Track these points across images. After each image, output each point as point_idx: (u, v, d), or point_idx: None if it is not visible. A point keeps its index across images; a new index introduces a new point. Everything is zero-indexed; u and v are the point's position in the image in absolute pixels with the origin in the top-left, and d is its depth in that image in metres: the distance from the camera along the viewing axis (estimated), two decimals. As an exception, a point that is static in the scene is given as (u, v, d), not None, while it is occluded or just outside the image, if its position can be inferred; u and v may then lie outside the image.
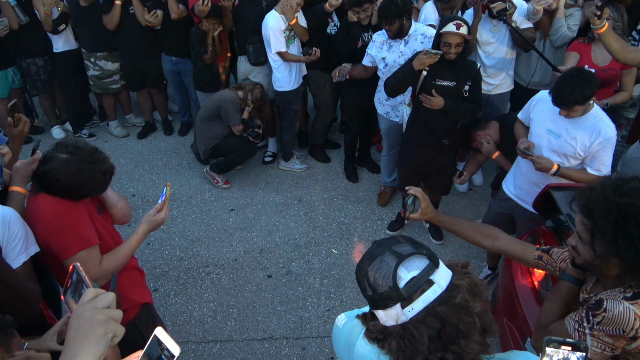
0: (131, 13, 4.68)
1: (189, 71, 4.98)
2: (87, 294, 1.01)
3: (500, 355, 1.22)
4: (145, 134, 5.49)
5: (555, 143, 2.78)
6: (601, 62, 3.67)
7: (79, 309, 0.97)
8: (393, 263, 1.11)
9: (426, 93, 3.29)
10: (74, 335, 0.94)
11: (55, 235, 1.92)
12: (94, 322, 0.94)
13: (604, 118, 2.67)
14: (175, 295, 3.61)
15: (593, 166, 2.74)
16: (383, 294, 1.10)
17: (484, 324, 1.11)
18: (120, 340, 0.98)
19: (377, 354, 1.18)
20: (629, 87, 3.74)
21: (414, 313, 1.08)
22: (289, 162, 4.91)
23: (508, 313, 2.68)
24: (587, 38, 3.74)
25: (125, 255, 2.10)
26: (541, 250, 1.83)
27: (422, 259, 1.12)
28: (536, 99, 2.93)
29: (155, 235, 4.08)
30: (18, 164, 2.04)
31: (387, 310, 1.11)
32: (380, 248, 1.16)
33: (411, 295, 1.08)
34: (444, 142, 3.53)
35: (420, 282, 1.08)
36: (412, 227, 4.25)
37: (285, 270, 3.80)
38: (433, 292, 1.08)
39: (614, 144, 2.68)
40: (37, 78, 4.99)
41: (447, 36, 3.10)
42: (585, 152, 2.71)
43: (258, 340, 3.27)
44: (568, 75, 2.57)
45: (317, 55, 4.17)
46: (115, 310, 0.99)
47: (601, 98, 3.72)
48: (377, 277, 1.12)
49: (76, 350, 0.92)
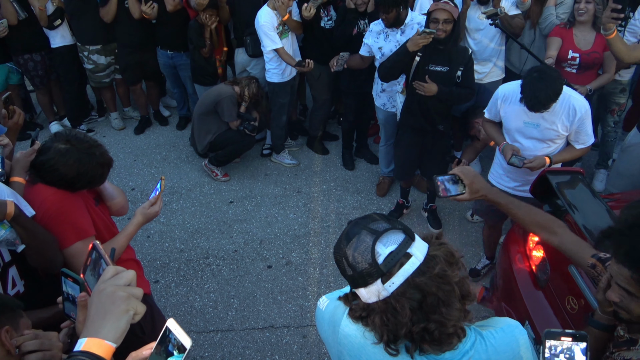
0: (127, 6, 4.68)
1: (185, 65, 4.97)
2: (108, 271, 1.01)
3: (481, 322, 1.25)
4: (142, 128, 5.49)
5: (535, 132, 2.80)
6: (584, 45, 3.69)
7: (100, 285, 0.98)
8: (370, 240, 1.12)
9: (419, 79, 3.31)
10: (95, 312, 0.95)
11: (52, 225, 1.92)
12: (115, 299, 0.95)
13: (572, 94, 2.70)
14: (176, 286, 3.63)
15: (579, 140, 2.80)
16: (363, 271, 1.11)
17: (463, 291, 1.13)
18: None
19: (362, 331, 1.20)
20: (611, 69, 3.75)
21: (394, 287, 1.09)
22: (279, 155, 4.92)
23: (506, 297, 2.71)
24: (568, 23, 3.75)
25: (120, 246, 2.12)
26: (597, 258, 1.56)
27: (397, 233, 1.13)
28: (501, 97, 2.86)
29: (155, 228, 4.10)
30: (18, 155, 2.06)
31: (368, 287, 1.12)
32: (356, 227, 1.17)
33: (390, 270, 1.09)
34: (439, 128, 3.54)
35: (398, 255, 1.10)
36: (410, 217, 4.27)
37: (285, 260, 3.82)
38: (411, 265, 1.09)
39: (590, 113, 2.73)
40: (35, 74, 4.99)
41: (435, 12, 3.14)
42: (567, 130, 2.75)
43: (259, 330, 3.30)
44: (533, 80, 2.54)
45: (310, 67, 4.12)
46: (136, 288, 0.99)
47: (585, 82, 3.74)
48: (355, 256, 1.13)
49: (98, 326, 0.93)
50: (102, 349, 0.92)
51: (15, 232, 1.73)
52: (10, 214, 1.69)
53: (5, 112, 2.25)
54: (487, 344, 1.17)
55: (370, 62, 3.95)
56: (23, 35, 4.72)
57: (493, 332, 1.19)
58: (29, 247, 1.80)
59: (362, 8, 4.04)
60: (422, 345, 1.12)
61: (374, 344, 1.16)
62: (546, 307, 2.40)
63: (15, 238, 1.73)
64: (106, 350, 0.92)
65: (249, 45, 4.52)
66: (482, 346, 1.16)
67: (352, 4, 4.03)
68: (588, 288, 2.15)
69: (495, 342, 1.17)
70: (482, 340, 1.17)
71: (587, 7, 3.60)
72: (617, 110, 4.22)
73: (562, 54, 3.73)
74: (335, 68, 4.06)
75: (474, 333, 1.18)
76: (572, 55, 3.71)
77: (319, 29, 4.35)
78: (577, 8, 3.66)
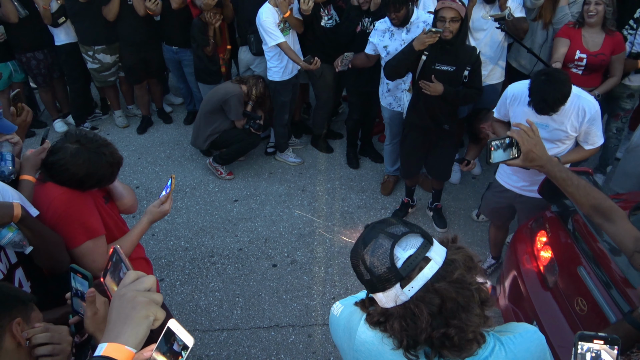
0: (130, 4, 4.66)
1: (188, 61, 4.98)
2: (129, 276, 1.01)
3: (500, 327, 1.24)
4: (144, 128, 5.49)
5: (544, 133, 2.77)
6: (592, 46, 3.64)
7: (121, 290, 0.98)
8: (388, 244, 1.10)
9: (426, 78, 3.29)
10: (116, 316, 0.95)
11: (62, 225, 1.93)
12: (136, 304, 0.95)
13: (582, 95, 2.68)
14: (181, 285, 3.62)
15: (588, 141, 2.78)
16: (381, 275, 1.10)
17: (482, 296, 1.12)
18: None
19: (380, 337, 1.18)
20: (618, 71, 3.71)
21: (414, 291, 1.08)
22: (283, 154, 4.92)
23: (513, 297, 2.70)
24: (577, 23, 3.70)
25: (130, 245, 2.13)
26: None
27: (416, 237, 1.12)
28: (510, 96, 2.85)
29: (159, 226, 4.10)
30: (28, 153, 2.06)
31: (387, 292, 1.11)
32: (373, 231, 1.16)
33: (409, 274, 1.08)
34: (444, 127, 3.53)
35: (417, 259, 1.08)
36: (415, 216, 4.26)
37: (290, 259, 3.82)
38: (431, 269, 1.08)
39: (600, 114, 2.71)
40: (38, 72, 4.98)
41: (442, 11, 3.11)
42: (576, 131, 2.73)
43: (264, 329, 3.30)
44: (540, 83, 2.54)
45: (317, 65, 4.11)
46: (157, 294, 0.99)
47: (591, 84, 3.70)
48: (373, 260, 1.11)
49: (119, 331, 0.93)
50: (122, 354, 0.92)
51: (22, 234, 1.73)
52: (18, 216, 1.69)
53: (14, 110, 2.24)
54: (506, 350, 1.16)
55: (376, 60, 3.94)
56: (25, 33, 4.71)
57: (512, 338, 1.18)
58: (36, 248, 1.80)
59: (365, 6, 4.03)
60: (441, 351, 1.11)
61: (393, 350, 1.15)
62: (554, 308, 2.39)
63: (22, 240, 1.73)
64: (126, 355, 0.92)
65: (253, 43, 4.52)
66: (501, 352, 1.15)
67: (355, 1, 4.01)
68: (598, 289, 2.14)
69: (514, 347, 1.16)
70: (501, 346, 1.16)
71: (597, 8, 3.55)
72: (622, 115, 4.16)
73: (569, 55, 3.70)
74: (340, 68, 4.06)
75: (493, 339, 1.17)
76: (579, 56, 3.67)
77: (319, 28, 4.34)
78: (586, 9, 3.60)
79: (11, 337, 1.23)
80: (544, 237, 2.65)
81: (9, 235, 1.69)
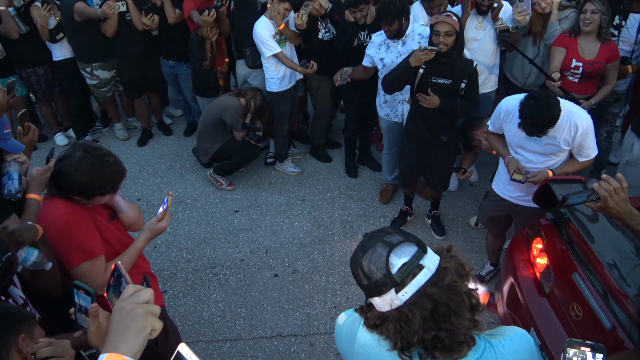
0: (128, 19, 4.73)
1: (185, 75, 5.05)
2: (128, 290, 1.07)
3: (490, 330, 1.32)
4: (145, 141, 5.54)
5: (537, 147, 2.85)
6: (588, 55, 3.70)
7: (120, 303, 1.04)
8: (385, 252, 1.20)
9: (423, 91, 3.35)
10: (115, 328, 1.01)
11: (60, 246, 1.98)
12: (134, 316, 1.01)
13: (574, 110, 2.71)
14: (184, 296, 3.67)
15: (582, 154, 2.83)
16: (378, 281, 1.19)
17: (473, 301, 1.21)
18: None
19: (377, 340, 1.28)
20: (612, 80, 3.78)
21: (407, 296, 1.17)
22: (282, 164, 4.98)
23: (511, 304, 2.75)
24: (573, 31, 3.75)
25: (129, 260, 2.17)
26: None
27: (411, 246, 1.21)
28: (504, 111, 2.89)
29: (161, 238, 4.14)
30: (34, 172, 2.10)
31: (383, 297, 1.20)
32: (371, 240, 1.26)
33: (404, 280, 1.17)
34: (442, 139, 3.59)
35: (411, 267, 1.17)
36: (414, 224, 4.31)
37: (291, 269, 3.87)
38: (424, 276, 1.17)
39: (593, 128, 2.75)
40: (38, 87, 5.05)
41: (437, 25, 3.18)
42: (569, 145, 2.78)
43: (267, 338, 3.34)
44: (529, 107, 2.60)
45: (314, 68, 4.21)
46: (154, 305, 1.05)
47: (587, 91, 3.77)
48: (370, 267, 1.21)
49: (118, 342, 0.98)
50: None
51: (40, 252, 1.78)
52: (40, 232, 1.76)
53: (21, 129, 2.30)
54: (496, 352, 1.23)
55: (373, 72, 4.00)
56: (26, 49, 4.77)
57: (502, 341, 1.25)
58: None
59: (361, 21, 4.10)
60: (433, 352, 1.19)
61: (389, 351, 1.23)
62: (551, 314, 2.44)
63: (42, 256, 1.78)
64: None
65: (249, 57, 4.60)
66: (491, 354, 1.22)
67: (351, 17, 4.08)
68: (592, 295, 2.19)
69: (504, 350, 1.24)
70: (491, 349, 1.23)
71: (593, 17, 3.61)
72: (611, 120, 4.24)
73: (566, 63, 3.76)
74: (339, 82, 4.13)
75: (483, 342, 1.24)
76: (575, 65, 3.73)
77: (317, 40, 4.42)
78: (583, 18, 3.66)
79: (17, 352, 1.30)
80: (539, 244, 2.71)
81: (34, 255, 1.75)
